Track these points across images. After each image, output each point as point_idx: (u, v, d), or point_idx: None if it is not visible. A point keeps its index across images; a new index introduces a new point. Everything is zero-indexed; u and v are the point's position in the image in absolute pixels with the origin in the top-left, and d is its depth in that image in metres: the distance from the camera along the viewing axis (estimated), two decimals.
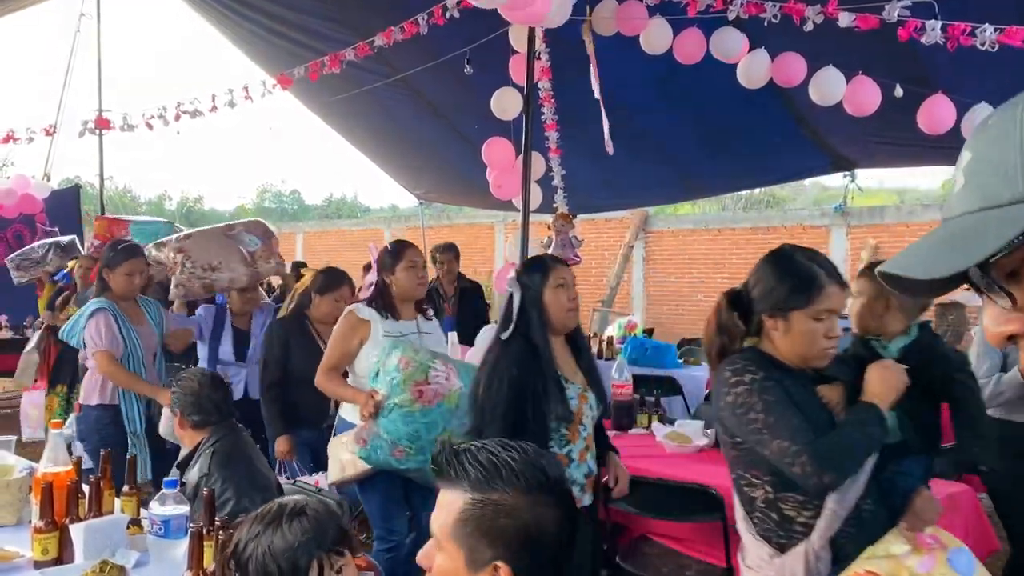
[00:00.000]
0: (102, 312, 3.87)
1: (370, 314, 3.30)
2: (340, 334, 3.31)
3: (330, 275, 4.13)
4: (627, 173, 6.96)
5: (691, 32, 4.34)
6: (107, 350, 3.82)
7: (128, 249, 4.05)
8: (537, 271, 2.64)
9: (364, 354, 3.27)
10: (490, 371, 2.53)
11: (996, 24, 3.47)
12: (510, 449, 1.26)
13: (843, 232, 11.09)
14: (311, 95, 6.96)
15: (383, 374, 2.99)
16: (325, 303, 4.03)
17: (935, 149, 5.50)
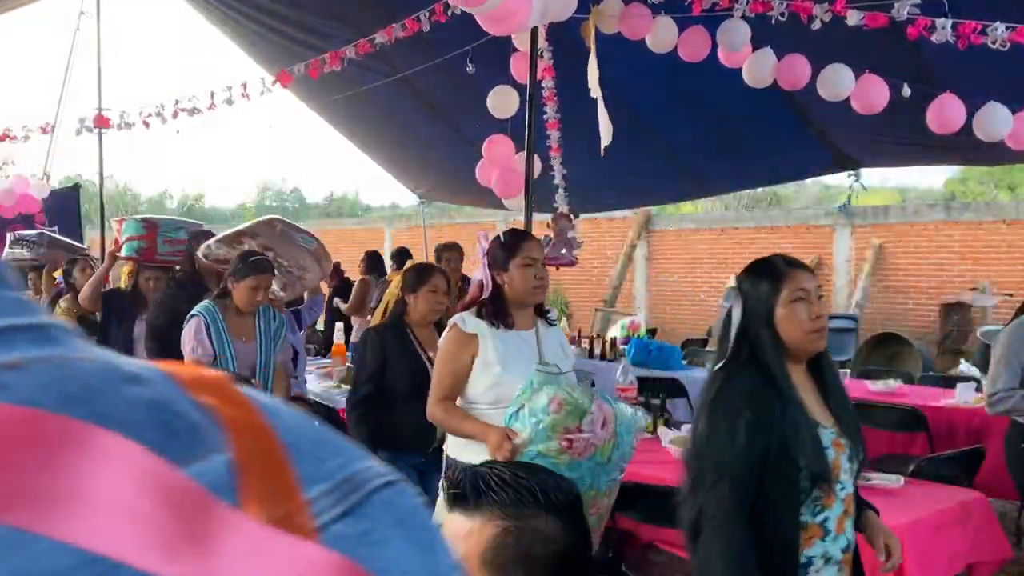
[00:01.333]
0: (197, 318, 3.67)
1: (477, 326, 2.75)
2: (446, 354, 2.79)
3: (417, 270, 3.66)
4: (630, 172, 6.91)
5: (696, 30, 4.29)
6: (190, 356, 3.64)
7: (257, 263, 3.78)
8: (765, 278, 2.03)
9: (476, 374, 2.74)
10: (711, 413, 1.97)
11: (1008, 22, 3.40)
12: (536, 472, 1.23)
13: (847, 231, 11.02)
14: (312, 93, 6.91)
15: (527, 413, 2.47)
16: (422, 300, 3.50)
17: (941, 148, 5.45)
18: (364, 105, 6.88)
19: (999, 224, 9.95)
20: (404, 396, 3.30)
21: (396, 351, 3.41)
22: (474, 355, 2.71)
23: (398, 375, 3.38)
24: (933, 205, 11.46)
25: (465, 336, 2.74)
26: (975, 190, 18.45)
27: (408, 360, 3.40)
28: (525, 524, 1.17)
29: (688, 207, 15.00)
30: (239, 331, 3.73)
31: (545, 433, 2.44)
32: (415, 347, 3.44)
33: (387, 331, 3.50)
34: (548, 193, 6.75)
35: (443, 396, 2.75)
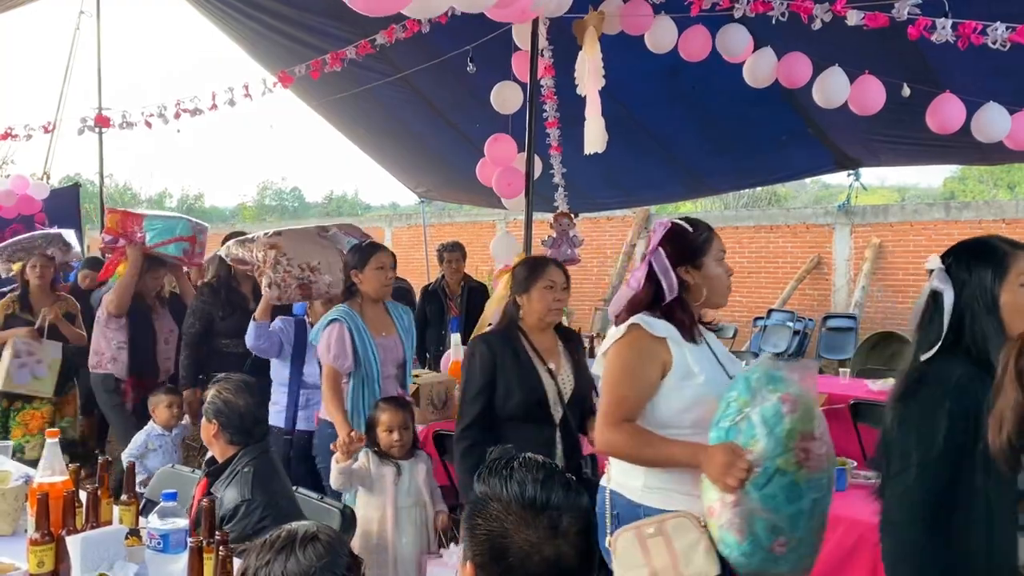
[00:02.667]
0: (338, 323, 3.42)
1: (666, 329, 2.18)
2: (627, 364, 2.17)
3: (528, 264, 3.07)
4: (631, 171, 6.93)
5: (697, 29, 4.30)
6: (331, 364, 3.41)
7: (373, 244, 3.65)
8: (986, 261, 1.83)
9: (668, 389, 2.16)
10: (907, 402, 1.80)
11: (1008, 23, 3.41)
12: (534, 469, 1.25)
13: (847, 231, 11.03)
14: (312, 93, 6.91)
15: (757, 421, 1.94)
16: (536, 299, 2.93)
17: (941, 148, 5.46)
18: (365, 105, 6.89)
19: (999, 223, 9.95)
20: (519, 417, 2.82)
21: (509, 363, 2.86)
22: (666, 365, 2.15)
23: (512, 392, 2.83)
24: (932, 204, 11.47)
25: (653, 341, 2.15)
26: (974, 189, 18.47)
27: (524, 373, 2.85)
28: (477, 496, 1.26)
29: (687, 206, 15.02)
30: (379, 327, 3.54)
31: (781, 443, 1.91)
32: (531, 357, 2.89)
33: (497, 339, 2.93)
34: (548, 192, 6.76)
35: (623, 417, 2.13)
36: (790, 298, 11.05)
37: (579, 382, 2.95)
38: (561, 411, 2.87)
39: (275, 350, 3.98)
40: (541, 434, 2.81)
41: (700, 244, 2.26)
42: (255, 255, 3.92)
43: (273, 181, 38.58)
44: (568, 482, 1.26)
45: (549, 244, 6.51)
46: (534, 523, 1.20)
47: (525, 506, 1.21)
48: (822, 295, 11.00)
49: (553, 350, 2.95)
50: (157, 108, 5.90)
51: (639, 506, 2.14)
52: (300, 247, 3.94)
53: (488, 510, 1.23)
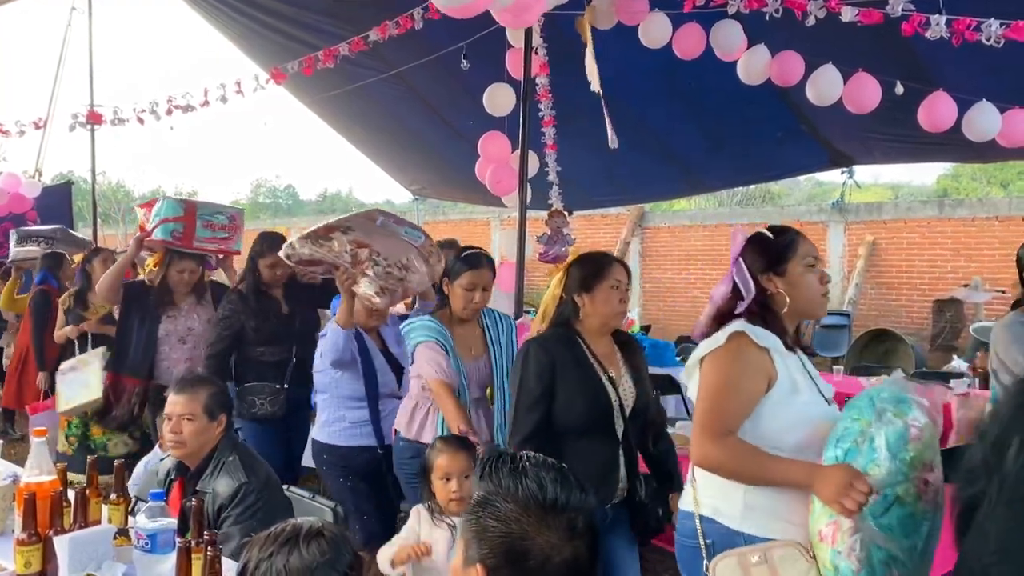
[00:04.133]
0: (430, 343, 3.04)
1: (771, 339, 2.04)
2: (734, 373, 2.00)
3: (591, 261, 2.72)
4: (626, 168, 6.92)
5: (691, 27, 4.29)
6: (440, 379, 2.99)
7: (471, 258, 3.11)
8: None
9: (773, 404, 2.00)
10: None
11: (1002, 19, 3.40)
12: (548, 469, 1.23)
13: (840, 228, 11.05)
14: (305, 90, 6.88)
15: (881, 445, 1.80)
16: (601, 301, 2.61)
17: (935, 146, 5.47)
18: (359, 102, 6.86)
19: (992, 221, 9.98)
20: (579, 429, 2.56)
21: (569, 369, 2.57)
22: (771, 378, 2.00)
23: (574, 402, 2.55)
24: (926, 202, 11.49)
25: (758, 351, 2.00)
26: (968, 187, 18.50)
27: (585, 382, 2.57)
28: (487, 498, 1.24)
29: (681, 204, 15.02)
30: (467, 345, 3.13)
31: (904, 471, 1.78)
32: (592, 364, 2.60)
33: (555, 342, 2.61)
34: (542, 190, 6.75)
35: (725, 430, 1.97)
36: None
37: (640, 392, 2.66)
38: (623, 425, 2.59)
39: (348, 361, 3.40)
40: (604, 450, 2.55)
41: (782, 249, 2.12)
42: (338, 254, 3.28)
43: (267, 179, 38.58)
44: (580, 482, 1.25)
45: (543, 242, 6.51)
46: (554, 525, 1.18)
47: (545, 508, 1.19)
48: None
49: (611, 357, 2.66)
50: (149, 104, 5.87)
51: (738, 534, 1.97)
52: (386, 243, 3.38)
53: (503, 511, 1.20)
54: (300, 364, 3.85)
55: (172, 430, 2.55)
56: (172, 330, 4.35)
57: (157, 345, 4.32)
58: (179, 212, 4.36)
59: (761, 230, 2.20)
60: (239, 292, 4.06)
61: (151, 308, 4.35)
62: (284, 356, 3.94)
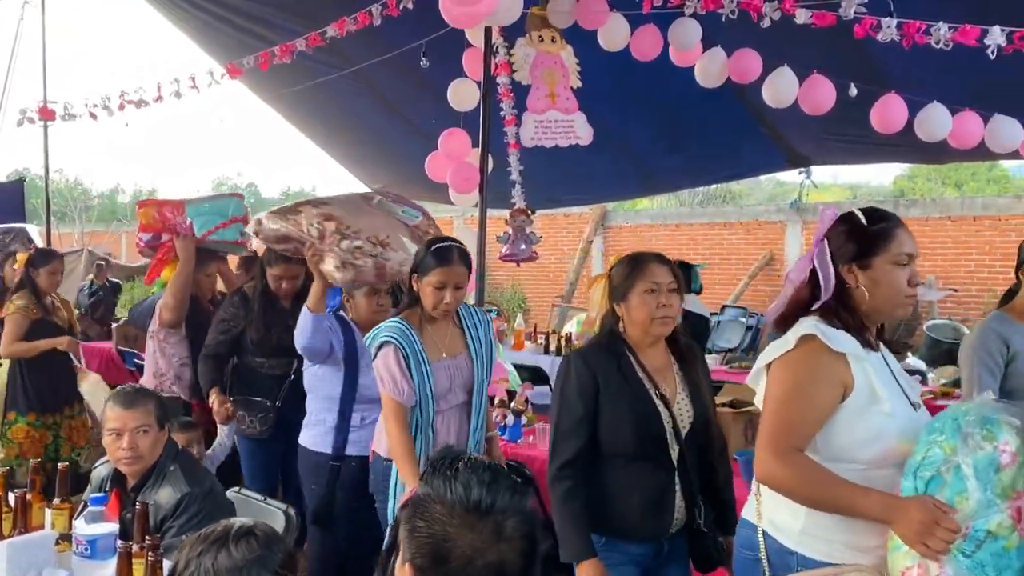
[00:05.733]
0: (389, 345, 2.71)
1: (848, 342, 1.83)
2: (801, 380, 1.81)
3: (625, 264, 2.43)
4: (587, 168, 6.94)
5: (648, 28, 4.31)
6: (389, 395, 2.72)
7: (441, 252, 2.77)
8: None
9: (848, 416, 1.80)
10: None
11: (950, 23, 3.47)
12: (481, 471, 1.21)
13: (798, 228, 11.20)
14: (264, 86, 6.80)
15: (969, 471, 1.62)
16: (636, 305, 2.34)
17: (889, 147, 5.56)
18: (318, 99, 6.79)
19: (944, 220, 10.20)
20: (628, 455, 2.29)
21: (615, 386, 2.30)
22: (846, 387, 1.79)
23: (621, 423, 2.28)
24: (882, 202, 11.71)
25: (832, 357, 1.80)
26: (923, 187, 18.89)
27: (635, 399, 2.29)
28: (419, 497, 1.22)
29: (644, 203, 15.13)
30: (441, 345, 2.79)
31: (996, 501, 1.61)
32: (641, 380, 2.33)
33: (598, 355, 2.35)
34: (504, 189, 6.74)
35: (791, 446, 1.78)
36: (743, 294, 11.20)
37: (698, 410, 2.38)
38: (678, 448, 2.31)
39: (326, 352, 3.15)
40: (657, 477, 2.28)
41: (871, 239, 1.86)
42: (304, 229, 3.05)
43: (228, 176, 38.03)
44: (514, 484, 1.22)
45: (504, 241, 6.51)
46: (478, 527, 1.17)
47: (469, 509, 1.17)
48: (774, 291, 11.13)
49: (666, 371, 2.38)
50: (101, 100, 5.75)
51: (792, 553, 1.83)
52: (361, 218, 3.13)
53: (431, 512, 1.19)
54: (300, 382, 3.49)
55: (128, 446, 2.44)
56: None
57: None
58: (244, 212, 4.11)
59: (855, 211, 1.92)
60: (243, 295, 3.76)
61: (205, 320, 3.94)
62: (284, 371, 3.64)
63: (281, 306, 3.66)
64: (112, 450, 2.49)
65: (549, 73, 4.51)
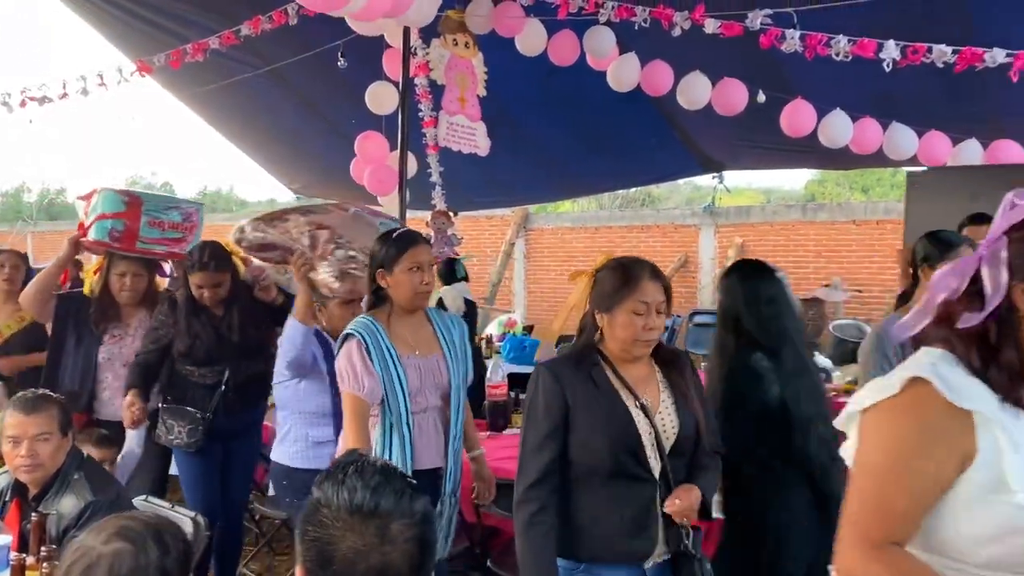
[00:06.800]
0: (353, 339, 2.59)
1: (977, 395, 1.27)
2: (907, 444, 1.28)
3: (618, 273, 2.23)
4: (508, 171, 6.99)
5: (565, 34, 4.39)
6: (348, 391, 2.57)
7: (408, 235, 2.71)
8: None
9: (969, 497, 1.26)
10: None
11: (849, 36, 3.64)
12: (369, 474, 1.23)
13: (712, 231, 11.51)
14: (177, 84, 6.63)
15: None
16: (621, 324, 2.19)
17: (797, 152, 5.77)
18: (235, 97, 6.66)
19: (849, 224, 10.63)
20: (603, 472, 2.11)
21: (585, 397, 2.13)
22: (966, 458, 1.25)
23: (592, 437, 2.10)
24: (791, 206, 12.12)
25: (952, 414, 1.25)
26: (832, 191, 19.61)
27: (608, 411, 2.12)
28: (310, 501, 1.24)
29: (565, 206, 15.29)
30: (413, 342, 2.68)
31: None
32: (616, 390, 2.16)
33: (568, 366, 2.20)
34: (425, 191, 6.74)
35: (887, 536, 1.29)
36: None
37: (684, 421, 2.18)
38: (660, 463, 2.12)
39: (308, 364, 3.08)
40: (635, 495, 2.09)
41: None
42: (295, 237, 2.93)
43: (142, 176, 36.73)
44: (402, 488, 1.24)
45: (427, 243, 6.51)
46: (360, 530, 1.19)
47: (352, 512, 1.19)
48: (689, 292, 11.43)
49: (648, 379, 2.20)
50: (2, 96, 5.51)
51: None
52: (350, 228, 3.01)
53: (319, 515, 1.21)
54: (234, 390, 3.44)
55: (27, 453, 2.34)
56: (116, 353, 3.70)
57: (97, 372, 3.67)
58: (119, 207, 3.72)
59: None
60: (172, 302, 3.57)
61: (90, 326, 3.70)
62: (216, 380, 3.47)
63: (211, 314, 3.50)
64: (10, 458, 2.39)
65: (461, 77, 4.55)
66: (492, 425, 4.05)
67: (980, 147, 4.95)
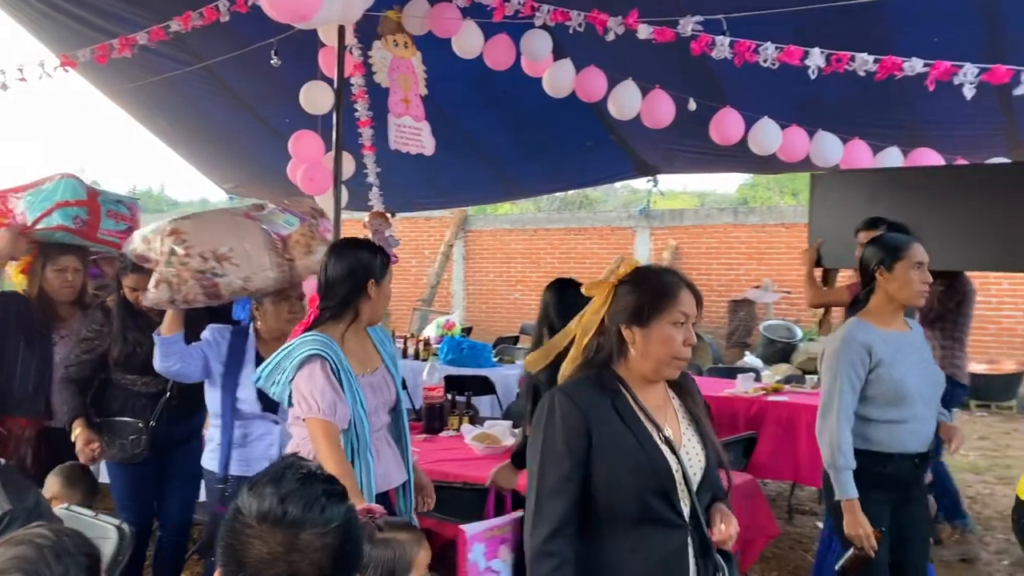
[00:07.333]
0: (317, 359, 2.40)
1: None
2: None
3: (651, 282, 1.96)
4: (446, 172, 6.98)
5: (500, 38, 4.41)
6: (322, 419, 2.36)
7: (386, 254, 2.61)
8: None
9: None
10: None
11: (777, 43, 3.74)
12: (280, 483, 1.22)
13: (647, 233, 11.70)
14: (105, 80, 6.45)
15: None
16: (659, 340, 1.91)
17: (727, 157, 5.89)
18: (165, 94, 6.51)
19: (779, 227, 10.91)
20: (633, 515, 1.84)
21: (610, 430, 1.84)
22: None
23: (619, 477, 1.83)
24: (723, 209, 12.40)
25: None
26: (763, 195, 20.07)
27: (637, 447, 1.84)
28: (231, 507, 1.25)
29: (504, 208, 15.33)
30: (364, 360, 2.58)
31: None
32: (642, 421, 1.88)
33: (589, 392, 1.89)
34: (362, 192, 6.69)
35: None
36: None
37: (708, 455, 1.96)
38: (689, 502, 1.88)
39: (198, 371, 2.99)
40: (664, 541, 1.86)
41: None
42: (153, 247, 2.82)
43: None
44: (317, 496, 1.22)
45: None
46: (267, 538, 1.18)
47: (261, 520, 1.19)
48: None
49: (665, 408, 1.97)
50: None
51: None
52: (208, 231, 2.83)
53: (235, 521, 1.22)
54: (178, 398, 3.30)
55: None
56: (66, 355, 3.47)
57: (53, 374, 3.47)
58: (82, 195, 3.58)
59: None
60: (105, 309, 3.39)
61: (38, 326, 3.51)
62: (159, 388, 3.30)
63: (149, 319, 3.24)
64: None
65: (403, 78, 4.54)
66: (428, 428, 4.04)
67: (901, 155, 5.11)
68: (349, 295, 2.49)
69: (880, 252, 2.83)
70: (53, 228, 3.53)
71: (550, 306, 2.90)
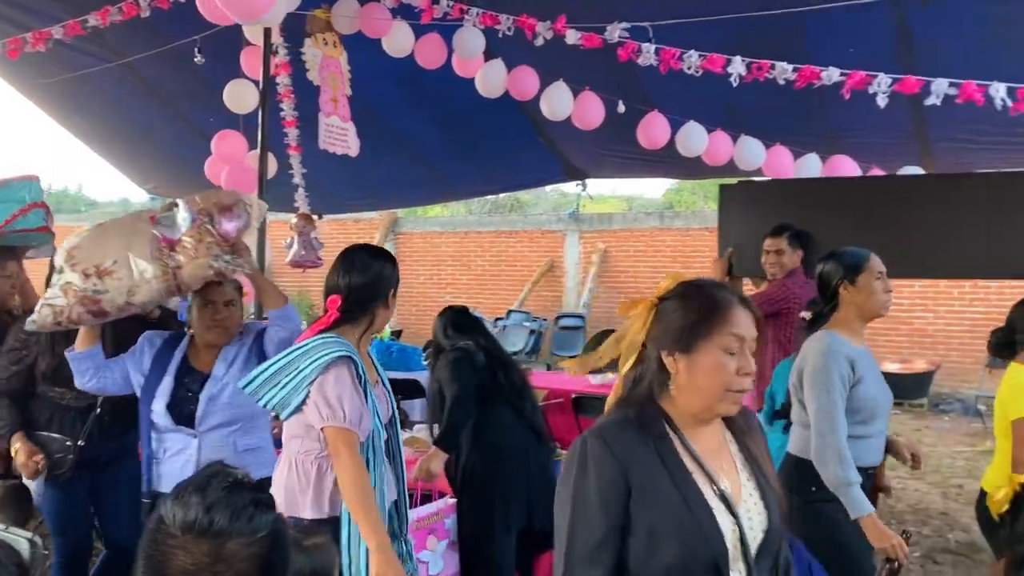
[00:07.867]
0: (343, 362, 2.26)
1: None
2: None
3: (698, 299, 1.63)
4: (375, 172, 6.92)
5: (431, 37, 4.40)
6: (349, 428, 2.21)
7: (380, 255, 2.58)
8: None
9: None
10: None
11: (700, 51, 3.83)
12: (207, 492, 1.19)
13: (576, 237, 11.82)
14: (17, 75, 6.20)
15: None
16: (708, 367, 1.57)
17: (654, 162, 6.01)
18: (83, 91, 6.29)
19: (703, 231, 11.16)
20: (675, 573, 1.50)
21: (653, 484, 1.52)
22: None
23: (657, 540, 1.50)
24: (650, 213, 12.61)
25: None
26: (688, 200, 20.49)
27: (685, 513, 1.51)
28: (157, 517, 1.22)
29: (435, 210, 15.30)
30: (370, 370, 2.46)
31: None
32: (688, 472, 1.55)
33: (628, 438, 1.55)
34: (287, 193, 6.59)
35: None
36: (527, 299, 11.65)
37: (771, 511, 1.60)
38: (745, 570, 1.54)
39: (119, 384, 2.87)
40: None
41: None
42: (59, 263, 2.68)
43: None
44: (244, 505, 1.19)
45: (288, 246, 6.36)
46: (191, 548, 1.15)
47: (185, 530, 1.16)
48: (555, 296, 11.70)
49: (720, 451, 1.63)
50: None
51: None
52: (100, 245, 2.64)
53: (156, 532, 1.18)
54: (110, 413, 3.18)
55: None
56: None
57: None
58: (40, 196, 3.49)
59: None
60: (12, 315, 3.29)
61: None
62: (89, 402, 3.17)
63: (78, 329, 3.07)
64: None
65: (333, 78, 4.50)
66: None
67: (819, 161, 5.29)
68: (371, 302, 2.42)
69: (841, 267, 2.82)
70: (32, 230, 3.43)
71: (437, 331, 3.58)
